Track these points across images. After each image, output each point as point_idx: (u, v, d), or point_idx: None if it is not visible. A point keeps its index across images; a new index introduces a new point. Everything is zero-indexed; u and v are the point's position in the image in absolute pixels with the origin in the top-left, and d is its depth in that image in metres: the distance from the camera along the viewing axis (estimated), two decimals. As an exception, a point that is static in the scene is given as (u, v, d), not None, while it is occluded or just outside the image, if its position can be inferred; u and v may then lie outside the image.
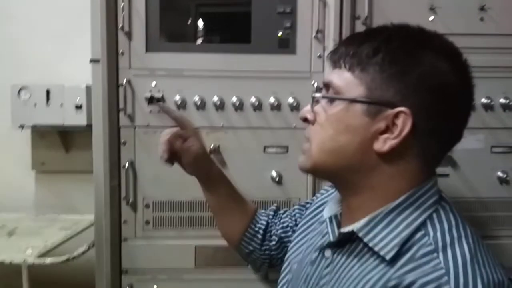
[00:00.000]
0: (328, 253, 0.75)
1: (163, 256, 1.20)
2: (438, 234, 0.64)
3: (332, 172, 0.73)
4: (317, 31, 1.17)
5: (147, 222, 1.20)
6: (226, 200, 1.02)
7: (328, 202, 0.86)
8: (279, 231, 1.02)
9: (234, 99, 1.17)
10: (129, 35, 1.17)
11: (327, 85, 0.73)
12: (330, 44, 1.16)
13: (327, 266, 0.74)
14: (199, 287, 1.21)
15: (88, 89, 1.62)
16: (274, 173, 1.19)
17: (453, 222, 0.66)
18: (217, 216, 1.05)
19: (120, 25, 1.15)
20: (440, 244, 0.63)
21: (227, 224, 1.05)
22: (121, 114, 1.18)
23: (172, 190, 1.20)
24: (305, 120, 0.75)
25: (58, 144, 1.76)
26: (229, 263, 1.20)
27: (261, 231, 1.02)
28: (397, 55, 0.66)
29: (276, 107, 1.18)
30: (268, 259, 1.04)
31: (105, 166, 1.15)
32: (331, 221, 0.78)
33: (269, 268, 1.09)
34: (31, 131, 1.74)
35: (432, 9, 1.16)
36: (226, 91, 1.18)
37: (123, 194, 1.19)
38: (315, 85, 1.17)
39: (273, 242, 1.02)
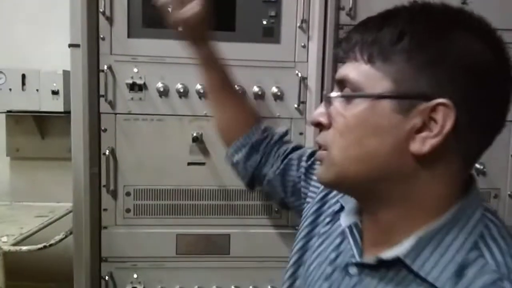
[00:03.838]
0: (353, 270, 0.64)
1: (144, 244, 1.19)
2: (498, 256, 0.54)
3: (359, 183, 0.61)
4: (302, 21, 1.17)
5: (128, 210, 1.19)
6: (221, 92, 1.00)
7: (341, 203, 0.73)
8: (280, 167, 0.95)
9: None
10: (110, 20, 1.14)
11: (341, 82, 0.62)
12: (315, 34, 1.16)
13: (354, 285, 0.63)
14: (180, 275, 1.21)
15: (65, 74, 1.58)
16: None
17: (509, 239, 0.57)
18: (214, 105, 1.03)
19: (101, 10, 1.13)
20: (505, 269, 0.53)
21: (220, 121, 1.03)
22: (102, 100, 1.16)
23: (153, 178, 1.19)
24: (318, 124, 0.64)
25: (33, 130, 1.72)
26: (210, 251, 1.20)
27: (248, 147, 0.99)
28: (425, 39, 0.56)
29: (260, 96, 1.18)
30: (250, 178, 1.00)
31: (85, 153, 1.13)
32: (351, 232, 0.67)
33: (248, 186, 1.05)
34: (6, 116, 1.70)
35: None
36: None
37: (103, 182, 1.17)
38: (299, 75, 1.17)
39: (271, 170, 0.96)
